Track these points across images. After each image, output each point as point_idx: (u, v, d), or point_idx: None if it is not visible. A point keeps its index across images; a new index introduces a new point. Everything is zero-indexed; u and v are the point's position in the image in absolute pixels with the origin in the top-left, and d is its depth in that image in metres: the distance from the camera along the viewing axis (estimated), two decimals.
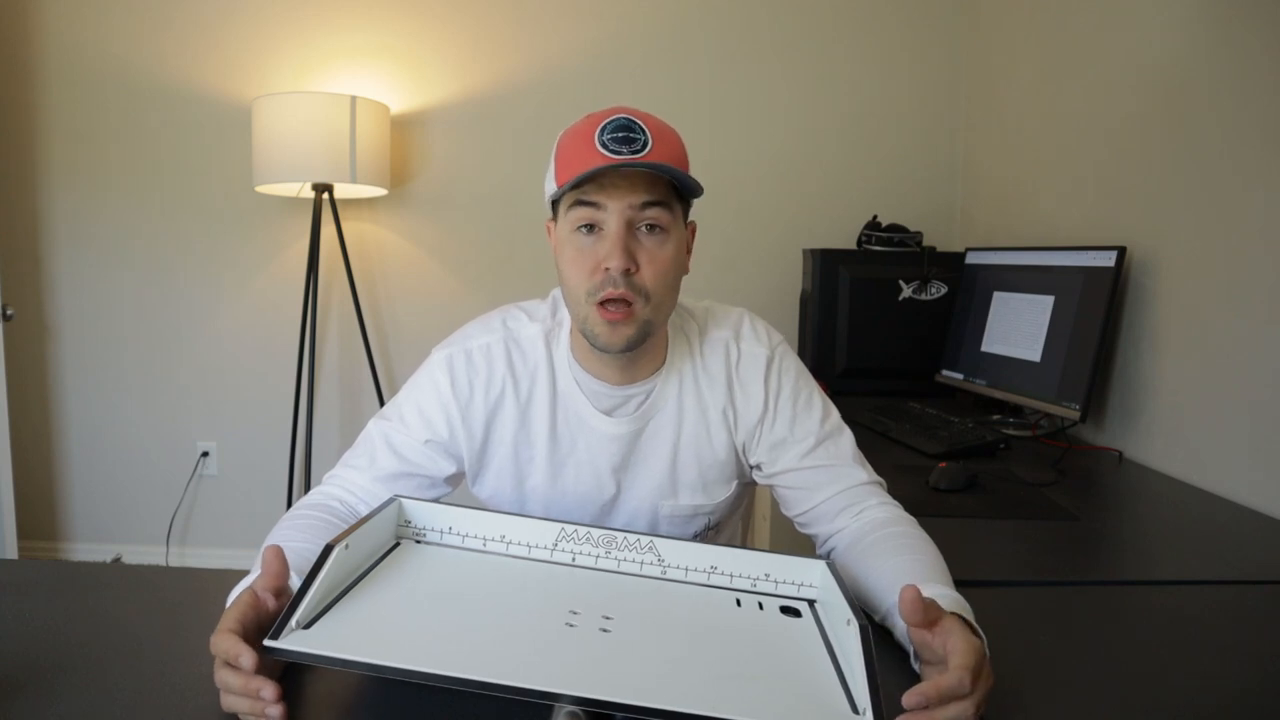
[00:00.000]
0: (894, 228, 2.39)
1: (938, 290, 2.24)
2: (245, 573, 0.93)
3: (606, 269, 0.87)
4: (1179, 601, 0.97)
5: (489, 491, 1.04)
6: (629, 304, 0.88)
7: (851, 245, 2.46)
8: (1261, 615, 0.94)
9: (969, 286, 2.12)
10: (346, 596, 0.70)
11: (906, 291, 2.25)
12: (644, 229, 0.88)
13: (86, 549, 2.76)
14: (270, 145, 2.30)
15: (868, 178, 2.65)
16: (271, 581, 0.70)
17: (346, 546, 0.71)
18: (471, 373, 0.99)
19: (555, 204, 0.94)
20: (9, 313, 2.31)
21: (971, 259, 2.15)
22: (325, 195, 2.41)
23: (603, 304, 0.88)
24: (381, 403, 2.56)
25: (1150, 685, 0.76)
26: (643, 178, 0.86)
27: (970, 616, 0.72)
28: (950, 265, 2.24)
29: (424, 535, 0.86)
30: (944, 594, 0.76)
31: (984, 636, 0.71)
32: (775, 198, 2.65)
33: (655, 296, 0.89)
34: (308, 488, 2.49)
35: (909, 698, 0.61)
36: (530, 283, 2.56)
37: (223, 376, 2.71)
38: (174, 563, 2.74)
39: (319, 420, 2.67)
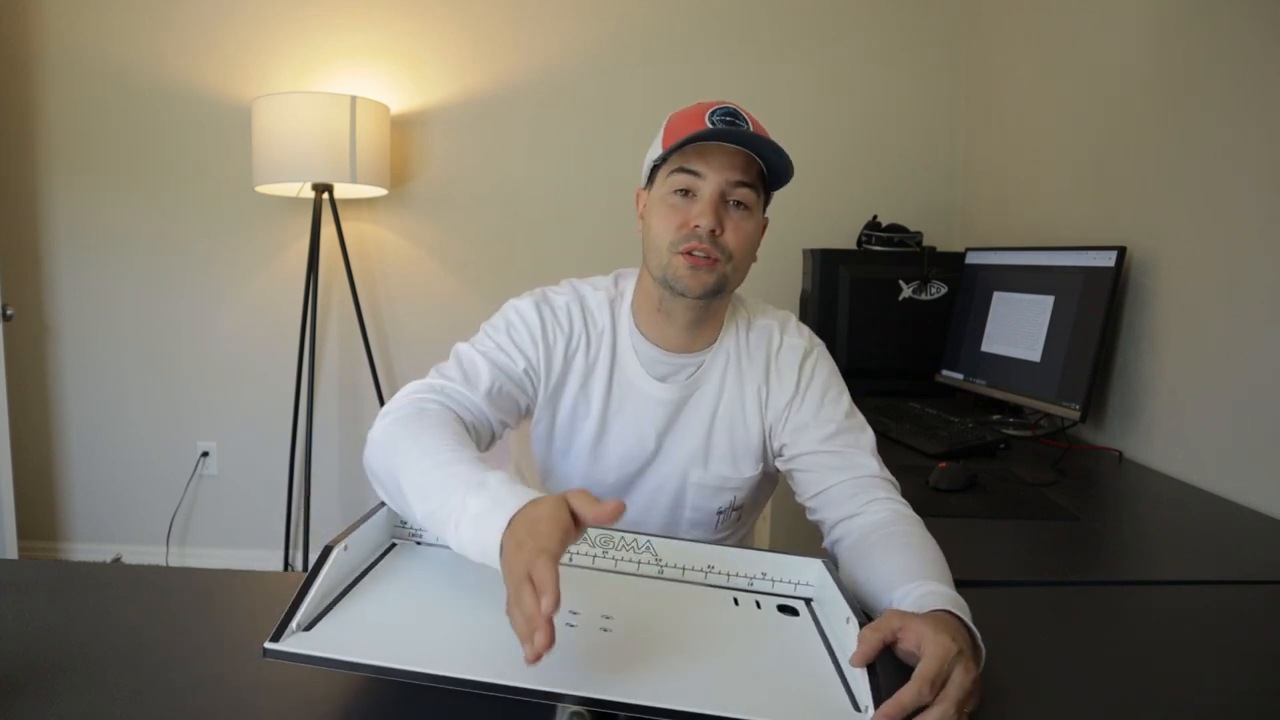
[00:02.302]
0: (894, 228, 2.39)
1: (938, 290, 2.24)
2: (246, 572, 0.93)
3: (695, 227, 0.97)
4: (1179, 601, 0.97)
5: (541, 433, 1.11)
6: (713, 259, 0.98)
7: (851, 245, 2.46)
8: (1261, 615, 0.94)
9: (969, 286, 2.12)
10: (345, 598, 0.70)
11: (906, 291, 2.24)
12: (733, 204, 0.99)
13: (86, 549, 2.76)
14: (270, 145, 2.30)
15: (868, 178, 2.65)
16: (597, 517, 0.66)
17: (345, 548, 0.71)
18: (555, 324, 1.07)
19: (654, 173, 1.03)
20: (9, 313, 2.31)
21: (971, 259, 2.15)
22: (325, 195, 2.41)
23: (687, 253, 0.97)
24: (382, 403, 2.56)
25: (1150, 685, 0.76)
26: (740, 158, 0.97)
27: (965, 614, 0.72)
28: (950, 265, 2.24)
29: (420, 535, 0.86)
30: (940, 591, 0.76)
31: (977, 632, 0.71)
32: (775, 197, 2.64)
33: (735, 259, 1.00)
34: (308, 487, 2.50)
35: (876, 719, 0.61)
36: (530, 283, 2.55)
37: (223, 376, 2.71)
38: (174, 563, 2.74)
39: (319, 420, 2.67)
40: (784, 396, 1.08)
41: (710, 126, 0.95)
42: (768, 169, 1.01)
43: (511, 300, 1.09)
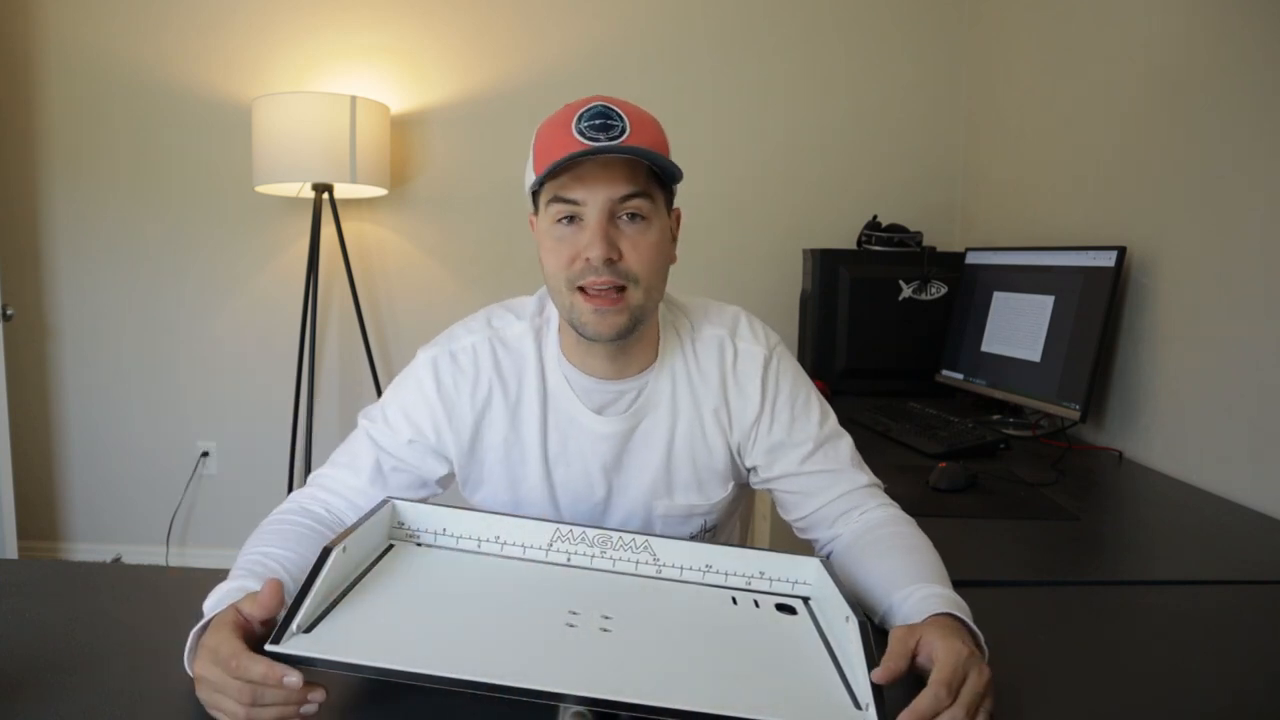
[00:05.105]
0: (894, 228, 2.39)
1: (938, 290, 2.24)
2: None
3: (587, 259, 0.85)
4: (1179, 601, 0.97)
5: (481, 495, 1.02)
6: (620, 290, 0.87)
7: (851, 245, 2.46)
8: (1261, 615, 0.94)
9: (969, 286, 2.12)
10: (345, 600, 0.70)
11: (906, 291, 2.24)
12: (625, 218, 0.87)
13: (86, 549, 2.76)
14: (270, 145, 2.30)
15: (868, 178, 2.65)
16: (263, 613, 0.66)
17: (344, 549, 0.71)
18: (457, 374, 0.97)
19: (536, 197, 0.92)
20: (9, 313, 2.31)
21: (971, 259, 2.15)
22: (325, 195, 2.41)
23: (584, 290, 0.87)
24: None
25: (1150, 685, 0.76)
26: (621, 168, 0.85)
27: (966, 615, 0.72)
28: (950, 265, 2.24)
29: (419, 537, 0.86)
30: (940, 593, 0.76)
31: (978, 632, 0.71)
32: (775, 198, 2.65)
33: (644, 281, 0.88)
34: None
35: None
36: (530, 283, 2.53)
37: (223, 376, 2.71)
38: (174, 563, 2.74)
39: (319, 420, 2.66)
40: (749, 413, 0.98)
41: (579, 138, 0.83)
42: (658, 164, 0.87)
43: (417, 354, 1.00)
